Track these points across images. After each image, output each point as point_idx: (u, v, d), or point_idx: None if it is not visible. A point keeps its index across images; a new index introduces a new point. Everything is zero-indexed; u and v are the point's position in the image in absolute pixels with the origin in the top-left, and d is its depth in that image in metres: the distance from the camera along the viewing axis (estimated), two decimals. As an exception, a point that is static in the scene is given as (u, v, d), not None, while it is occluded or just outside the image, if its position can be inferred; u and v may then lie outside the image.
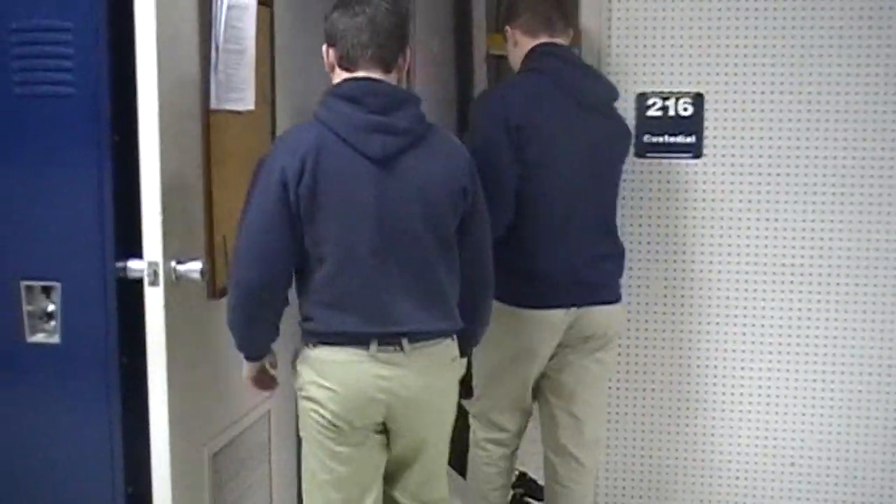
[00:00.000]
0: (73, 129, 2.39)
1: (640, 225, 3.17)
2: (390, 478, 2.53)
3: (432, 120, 2.50)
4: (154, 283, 2.30)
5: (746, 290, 3.15)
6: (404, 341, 2.34)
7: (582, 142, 2.85)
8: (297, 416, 2.64)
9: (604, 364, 2.98)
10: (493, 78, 6.54)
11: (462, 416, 2.81)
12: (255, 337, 2.47)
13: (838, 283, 3.11)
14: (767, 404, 3.19)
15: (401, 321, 2.34)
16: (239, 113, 2.76)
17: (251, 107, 2.80)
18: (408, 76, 5.18)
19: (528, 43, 2.95)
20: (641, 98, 3.11)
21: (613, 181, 2.96)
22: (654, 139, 3.11)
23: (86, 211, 2.40)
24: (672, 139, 3.10)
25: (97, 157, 2.39)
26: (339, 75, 2.44)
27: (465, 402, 3.00)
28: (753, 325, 3.16)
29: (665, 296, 3.19)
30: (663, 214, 3.15)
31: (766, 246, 3.13)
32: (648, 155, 3.12)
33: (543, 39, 2.92)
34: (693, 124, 3.09)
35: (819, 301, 3.13)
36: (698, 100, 3.08)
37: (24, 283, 2.42)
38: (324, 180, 2.30)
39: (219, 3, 2.55)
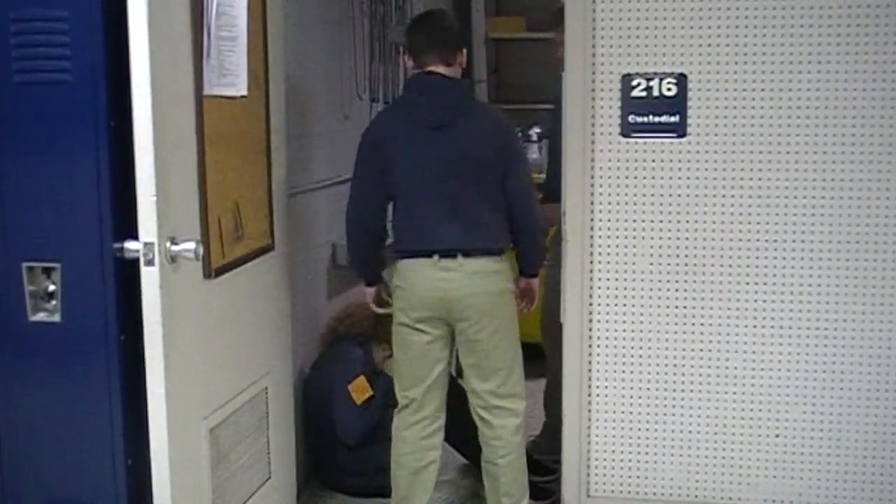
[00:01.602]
0: (71, 115, 2.47)
1: (626, 203, 3.23)
2: (465, 374, 3.34)
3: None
4: (150, 262, 2.38)
5: (731, 265, 3.20)
6: (459, 255, 3.18)
7: None
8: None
9: None
10: (493, 61, 6.58)
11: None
12: (365, 263, 3.42)
13: (821, 260, 3.17)
14: (752, 377, 3.24)
15: (451, 240, 3.19)
16: (232, 98, 2.83)
17: (244, 92, 2.88)
18: (404, 59, 5.25)
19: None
20: (626, 79, 3.16)
21: None
22: (639, 119, 3.16)
23: (84, 194, 2.48)
24: (656, 119, 3.15)
25: (94, 141, 2.47)
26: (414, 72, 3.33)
27: None
28: (738, 301, 3.22)
29: (651, 272, 3.25)
30: (648, 193, 3.21)
31: (749, 223, 3.18)
32: (633, 135, 3.18)
33: None
34: (677, 104, 3.14)
35: (802, 276, 3.18)
36: (682, 80, 3.13)
37: (25, 264, 2.51)
38: (399, 143, 3.21)
39: (211, -10, 2.62)
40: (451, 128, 3.21)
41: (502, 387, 3.32)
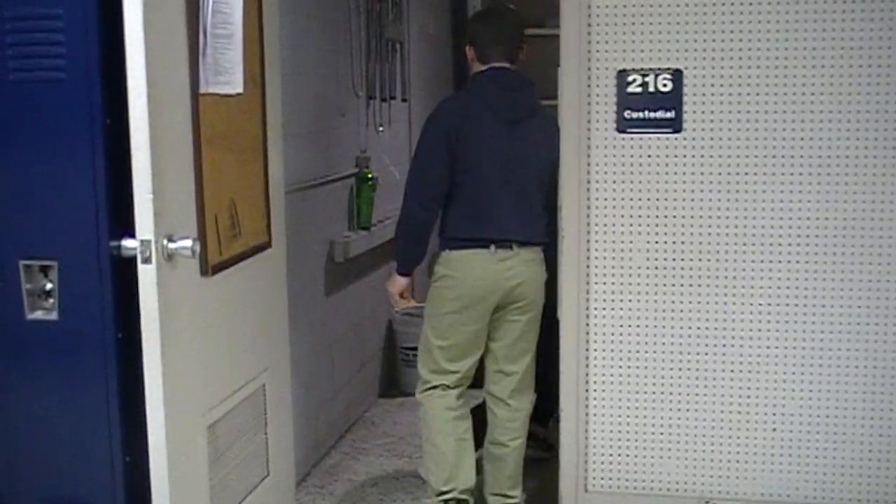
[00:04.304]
0: (67, 113, 2.48)
1: (622, 198, 3.23)
2: (494, 354, 3.46)
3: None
4: (146, 260, 2.39)
5: (727, 261, 3.21)
6: (514, 245, 3.33)
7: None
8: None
9: None
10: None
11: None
12: (418, 249, 3.44)
13: (816, 254, 3.17)
14: (749, 371, 3.25)
15: (512, 232, 3.32)
16: (228, 96, 2.84)
17: (240, 90, 2.88)
18: (401, 55, 5.26)
19: None
20: (622, 74, 3.16)
21: None
22: (635, 115, 3.16)
23: (81, 192, 2.49)
24: (652, 114, 3.16)
25: (90, 139, 2.48)
26: (479, 66, 3.43)
27: None
28: (734, 296, 3.22)
29: (647, 268, 3.26)
30: (644, 188, 3.21)
31: (745, 218, 3.18)
32: (629, 131, 3.18)
33: None
34: (672, 99, 3.14)
35: (798, 272, 3.19)
36: (677, 75, 3.14)
37: (22, 263, 2.51)
38: (473, 132, 3.29)
39: (206, -12, 2.62)
40: (524, 124, 3.35)
41: (528, 371, 3.50)
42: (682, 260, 3.23)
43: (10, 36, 2.46)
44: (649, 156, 3.20)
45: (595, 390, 3.36)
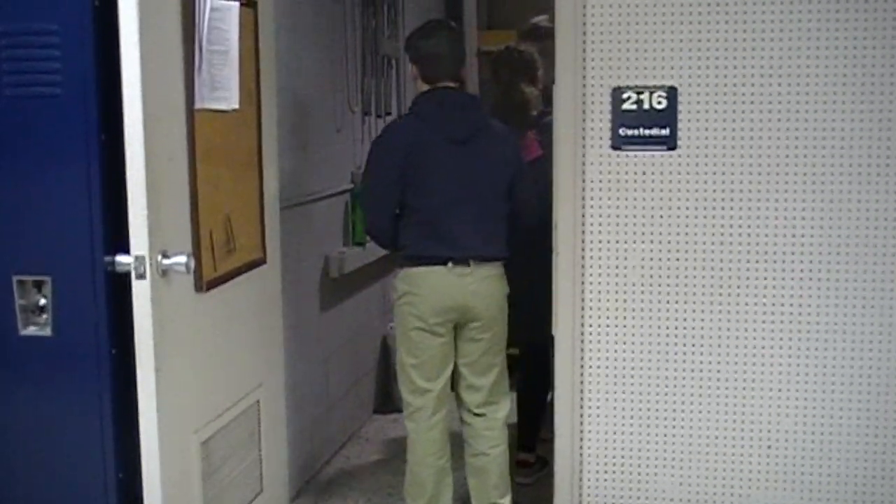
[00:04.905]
0: (62, 129, 2.48)
1: (617, 215, 3.24)
2: (461, 371, 3.50)
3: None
4: (141, 276, 2.38)
5: (721, 278, 3.21)
6: (471, 262, 3.35)
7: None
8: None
9: None
10: (485, 74, 6.59)
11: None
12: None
13: (811, 270, 3.17)
14: (744, 388, 3.25)
15: (468, 248, 3.36)
16: (224, 111, 2.84)
17: (235, 105, 2.88)
18: (396, 71, 5.27)
19: None
20: (617, 92, 3.17)
21: None
22: (630, 132, 3.17)
23: (75, 207, 2.49)
24: (647, 132, 3.16)
25: (85, 155, 2.48)
26: (423, 85, 3.44)
27: None
28: (729, 313, 3.22)
29: (642, 284, 3.26)
30: (639, 205, 3.22)
31: (740, 235, 3.19)
32: (624, 148, 3.19)
33: None
34: (667, 117, 3.15)
35: (793, 288, 3.19)
36: (672, 93, 3.15)
37: (15, 278, 2.51)
38: (422, 153, 3.34)
39: (202, 4, 2.63)
40: (473, 143, 3.38)
41: (498, 382, 3.53)
42: (678, 276, 3.23)
43: (6, 51, 2.46)
44: (644, 173, 3.20)
45: (590, 405, 3.35)
